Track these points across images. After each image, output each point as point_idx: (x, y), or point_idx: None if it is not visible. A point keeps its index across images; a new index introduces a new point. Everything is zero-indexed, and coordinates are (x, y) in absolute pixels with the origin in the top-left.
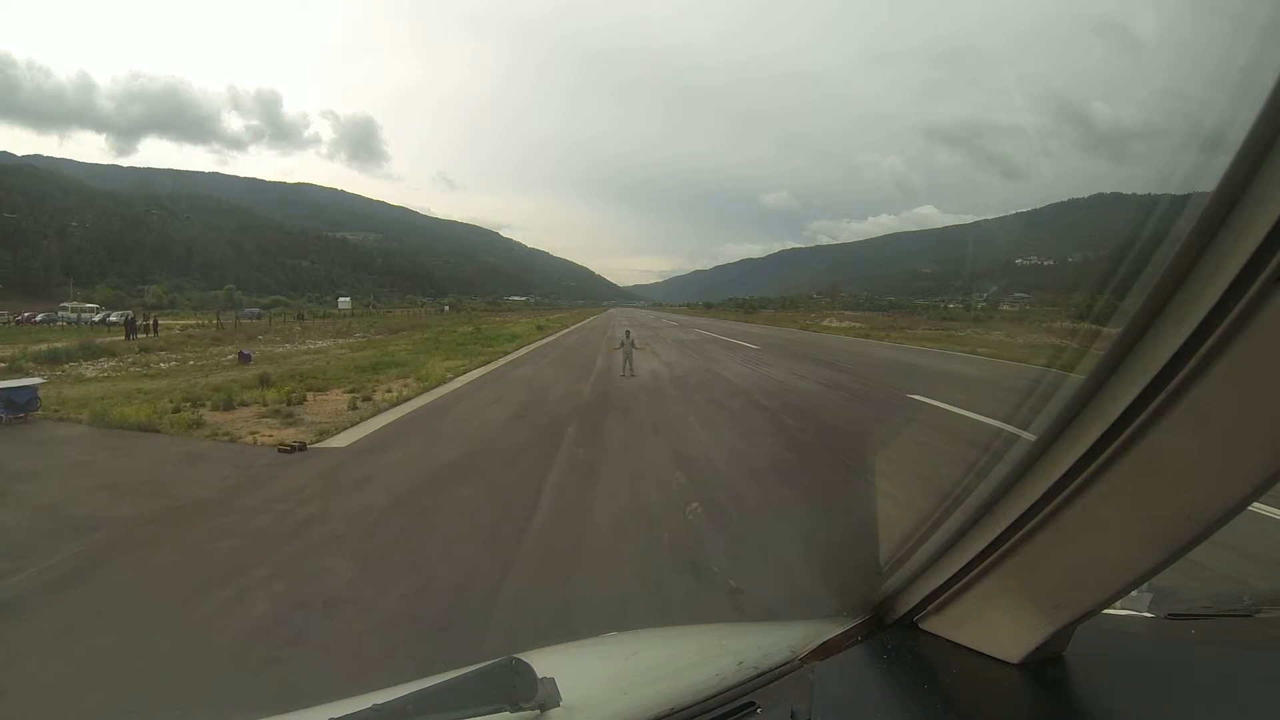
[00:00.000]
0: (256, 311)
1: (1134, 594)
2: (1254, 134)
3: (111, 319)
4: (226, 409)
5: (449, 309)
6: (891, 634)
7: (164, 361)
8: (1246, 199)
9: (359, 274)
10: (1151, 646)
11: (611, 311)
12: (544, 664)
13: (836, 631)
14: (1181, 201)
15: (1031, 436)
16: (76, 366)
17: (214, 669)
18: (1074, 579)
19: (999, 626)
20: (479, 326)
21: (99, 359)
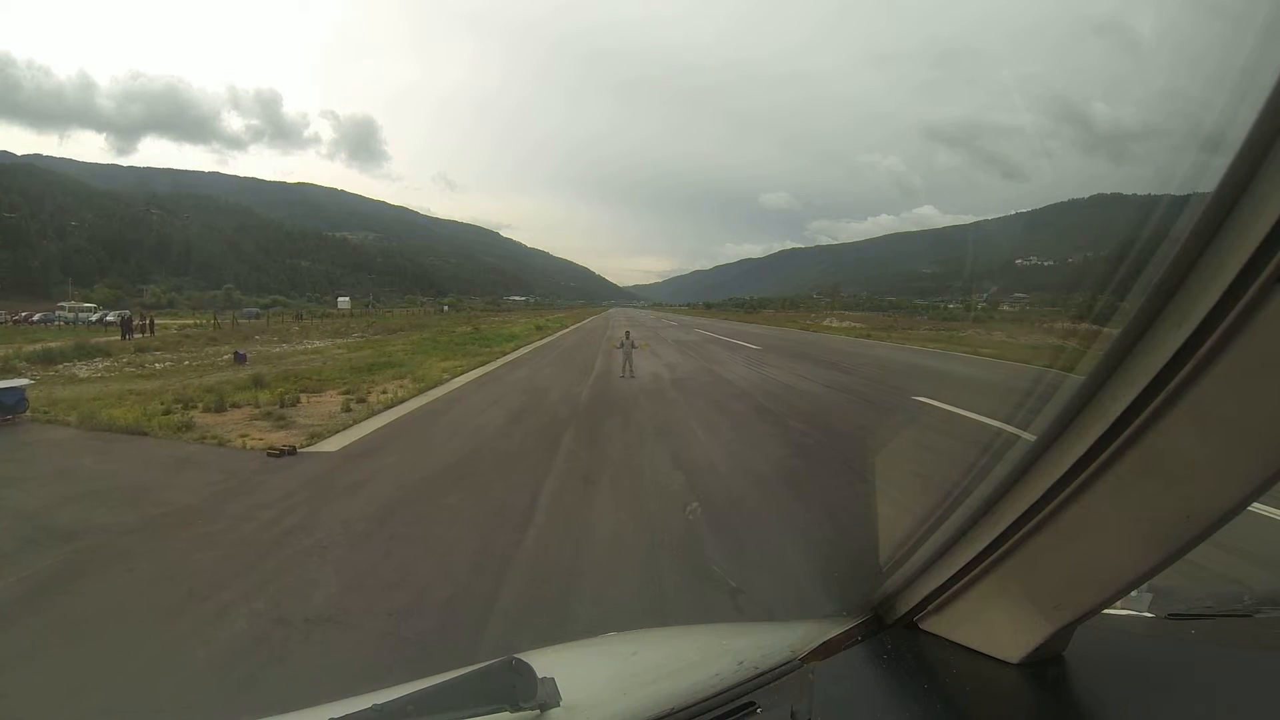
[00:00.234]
0: (255, 311)
1: (1134, 594)
2: (1254, 134)
3: (109, 319)
4: (218, 411)
5: (448, 309)
6: (891, 634)
7: (159, 362)
8: (1246, 199)
9: (359, 274)
10: (1151, 646)
11: (611, 311)
12: (544, 664)
13: (836, 631)
14: (1181, 202)
15: (1031, 436)
16: (70, 367)
17: (190, 685)
18: (1074, 579)
19: (999, 626)
20: (478, 326)
21: (93, 359)
